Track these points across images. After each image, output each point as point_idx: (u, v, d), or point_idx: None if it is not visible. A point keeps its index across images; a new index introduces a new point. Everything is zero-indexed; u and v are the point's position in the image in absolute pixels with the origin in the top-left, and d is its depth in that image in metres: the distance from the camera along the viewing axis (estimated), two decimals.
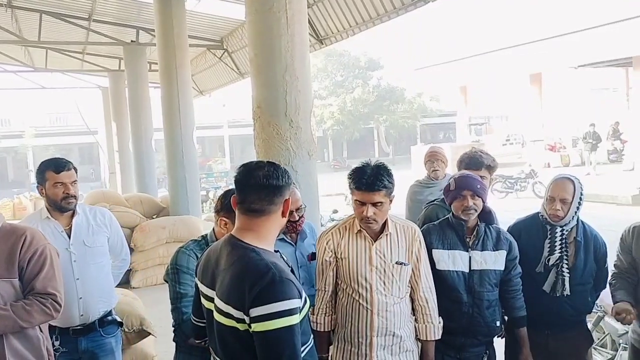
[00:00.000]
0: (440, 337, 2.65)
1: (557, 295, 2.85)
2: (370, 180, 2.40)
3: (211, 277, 1.84)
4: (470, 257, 2.75)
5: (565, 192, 2.81)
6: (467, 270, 2.74)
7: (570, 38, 17.23)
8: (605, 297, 3.16)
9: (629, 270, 2.88)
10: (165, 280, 2.62)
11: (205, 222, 7.87)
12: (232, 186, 2.17)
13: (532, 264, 2.90)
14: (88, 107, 23.01)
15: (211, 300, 1.82)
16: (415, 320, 2.65)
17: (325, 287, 2.62)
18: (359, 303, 2.53)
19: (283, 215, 1.83)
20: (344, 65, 35.72)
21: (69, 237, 2.93)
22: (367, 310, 2.53)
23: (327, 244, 2.60)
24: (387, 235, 2.55)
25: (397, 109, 36.08)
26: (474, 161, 3.35)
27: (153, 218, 8.10)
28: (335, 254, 2.58)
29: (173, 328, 2.60)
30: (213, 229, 2.58)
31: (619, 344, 3.75)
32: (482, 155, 3.41)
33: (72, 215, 2.96)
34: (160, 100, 8.15)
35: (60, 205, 2.89)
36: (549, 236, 2.88)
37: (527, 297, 2.85)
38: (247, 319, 1.66)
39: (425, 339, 2.63)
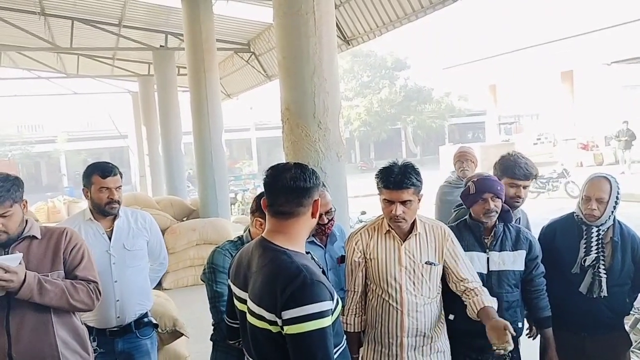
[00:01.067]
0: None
1: (594, 296, 2.78)
2: (398, 178, 2.39)
3: (243, 279, 1.84)
4: (488, 258, 2.72)
5: (601, 191, 2.74)
6: (485, 272, 2.71)
7: (602, 34, 16.84)
8: None
9: None
10: (202, 280, 2.65)
11: (234, 224, 7.94)
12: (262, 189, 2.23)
13: (568, 265, 2.84)
14: (118, 111, 23.50)
15: (244, 302, 1.82)
16: (466, 299, 2.52)
17: (354, 288, 2.61)
18: (389, 303, 2.52)
19: (313, 216, 1.83)
20: (370, 66, 35.57)
21: (110, 239, 2.97)
22: (397, 311, 2.51)
23: (356, 244, 2.59)
24: (415, 235, 2.53)
25: (424, 109, 35.76)
26: (521, 172, 2.97)
27: (183, 220, 8.20)
28: (364, 254, 2.57)
29: (212, 327, 2.63)
30: (249, 230, 2.60)
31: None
32: (527, 163, 3.01)
33: (114, 218, 3.00)
34: (189, 104, 8.27)
35: (104, 210, 2.93)
36: (585, 236, 2.82)
37: (562, 298, 2.80)
38: (279, 322, 1.66)
39: (478, 307, 2.46)
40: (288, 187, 1.77)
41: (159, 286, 6.84)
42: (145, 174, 16.19)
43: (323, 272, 1.86)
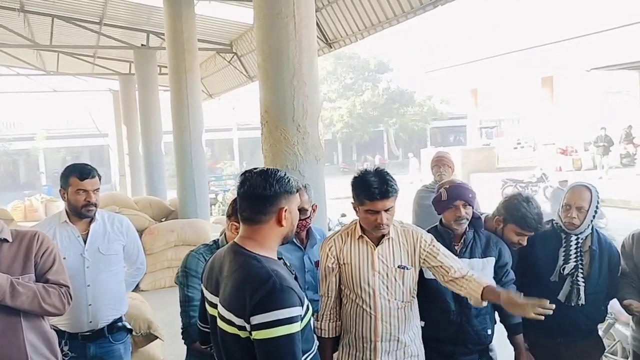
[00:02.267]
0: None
1: (572, 304, 2.81)
2: (383, 188, 2.38)
3: (215, 283, 1.84)
4: None
5: (581, 200, 2.78)
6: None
7: (582, 41, 17.10)
8: (615, 303, 3.12)
9: (631, 275, 2.87)
10: (176, 283, 2.63)
11: (214, 225, 7.90)
12: None
13: (547, 272, 2.86)
14: (99, 110, 23.23)
15: (215, 306, 1.82)
16: (461, 287, 2.48)
17: (328, 294, 2.61)
18: (363, 308, 2.52)
19: (279, 224, 1.80)
20: (353, 68, 35.74)
21: (85, 243, 2.93)
22: (370, 316, 2.51)
23: (329, 250, 2.59)
24: (388, 239, 2.53)
25: (407, 111, 36.05)
26: (532, 224, 2.79)
27: (162, 221, 8.14)
28: (337, 260, 2.57)
29: (181, 330, 2.61)
30: (224, 234, 2.58)
31: (630, 351, 3.70)
32: (539, 214, 2.82)
33: (90, 222, 2.95)
34: (169, 103, 8.21)
35: (80, 212, 2.89)
36: (564, 245, 2.84)
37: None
38: (248, 327, 1.66)
39: (482, 286, 2.41)
40: (249, 194, 1.79)
41: (135, 288, 6.79)
42: (125, 173, 16.02)
43: (295, 277, 1.86)
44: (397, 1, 7.07)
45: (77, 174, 2.86)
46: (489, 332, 2.77)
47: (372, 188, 2.38)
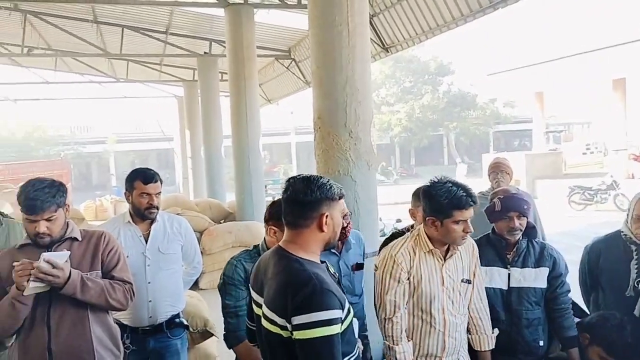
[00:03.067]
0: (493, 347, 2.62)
1: None
2: (471, 196, 2.34)
3: (260, 284, 1.93)
4: (509, 274, 2.69)
5: None
6: (505, 288, 2.69)
7: None
8: None
9: None
10: (218, 289, 2.73)
11: None
12: None
13: (619, 287, 2.76)
14: (165, 115, 24.19)
15: (260, 306, 1.91)
16: (469, 331, 2.60)
17: (400, 308, 2.46)
18: (431, 325, 2.47)
19: (320, 229, 1.85)
20: (412, 71, 35.30)
21: (146, 242, 3.10)
22: (438, 333, 2.48)
23: (400, 262, 2.46)
24: (454, 252, 2.48)
25: (468, 115, 35.17)
26: None
27: (221, 223, 8.40)
28: (408, 274, 2.46)
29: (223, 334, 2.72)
30: (264, 238, 2.65)
31: None
32: None
33: (152, 222, 3.13)
34: (229, 109, 8.48)
35: (143, 214, 3.08)
36: (636, 257, 2.73)
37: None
38: (289, 327, 1.73)
39: (480, 349, 2.60)
40: (292, 199, 1.86)
41: (195, 286, 7.04)
42: (187, 176, 16.61)
43: (338, 282, 1.91)
44: (456, 4, 6.98)
45: (141, 178, 3.04)
46: (541, 343, 2.73)
47: (462, 197, 2.31)
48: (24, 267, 2.23)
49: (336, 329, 1.70)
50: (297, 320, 1.69)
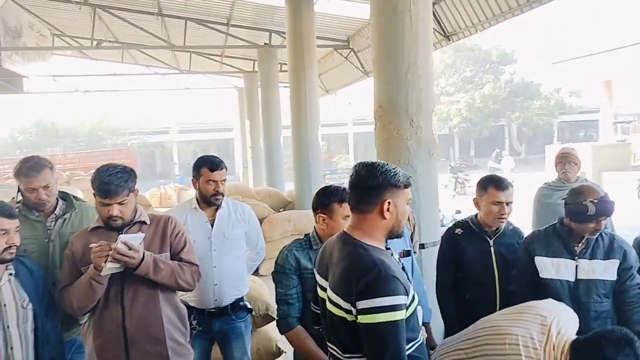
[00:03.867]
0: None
1: None
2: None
3: (326, 268, 1.96)
4: (577, 266, 2.63)
5: None
6: (572, 280, 2.63)
7: None
8: None
9: None
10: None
11: None
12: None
13: None
14: (225, 106, 24.71)
15: (325, 290, 1.94)
16: None
17: None
18: None
19: (382, 216, 1.86)
20: (473, 60, 34.39)
21: (212, 227, 3.21)
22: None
23: None
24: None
25: (531, 105, 33.96)
26: None
27: (280, 211, 8.53)
28: None
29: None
30: (314, 227, 2.67)
31: None
32: None
33: (217, 209, 3.24)
34: (288, 99, 8.58)
35: (209, 201, 3.19)
36: None
37: None
38: (354, 311, 1.75)
39: None
40: (355, 184, 1.89)
41: (255, 272, 7.20)
42: (247, 166, 16.94)
43: (403, 268, 1.92)
44: None
45: (208, 165, 3.15)
46: None
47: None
48: (102, 249, 2.36)
49: (401, 314, 1.72)
50: (362, 304, 1.72)
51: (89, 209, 2.99)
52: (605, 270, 2.62)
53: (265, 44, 11.52)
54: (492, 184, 2.97)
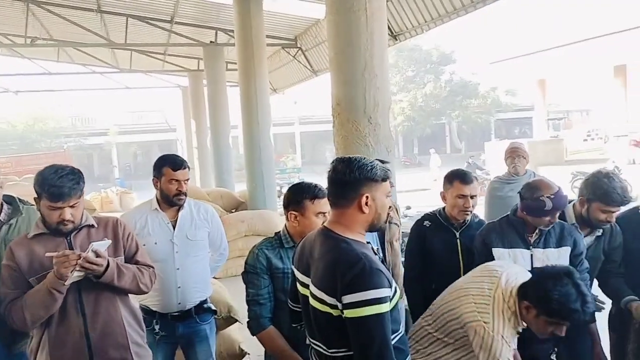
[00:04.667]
0: None
1: None
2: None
3: (306, 265, 1.95)
4: (532, 255, 2.72)
5: None
6: (529, 268, 2.70)
7: None
8: None
9: None
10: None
11: (281, 217, 8.09)
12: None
13: (638, 262, 2.85)
14: (168, 105, 24.13)
15: (306, 286, 1.93)
16: None
17: None
18: None
19: (360, 210, 1.85)
20: (415, 60, 35.20)
21: (174, 229, 3.11)
22: None
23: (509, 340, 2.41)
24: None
25: (470, 103, 35.14)
26: (618, 198, 2.73)
27: (232, 212, 8.43)
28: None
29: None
30: (285, 225, 2.63)
31: None
32: (623, 187, 2.75)
33: (179, 209, 3.14)
34: (237, 98, 8.48)
35: (172, 201, 3.08)
36: None
37: None
38: (340, 305, 1.75)
39: None
40: (332, 179, 1.88)
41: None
42: (194, 167, 16.63)
43: (382, 261, 1.94)
44: None
45: (171, 164, 3.05)
46: None
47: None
48: (68, 258, 2.22)
49: (386, 307, 1.73)
50: (348, 299, 1.72)
51: (37, 213, 2.84)
52: (558, 257, 2.71)
53: (211, 42, 11.34)
54: (457, 178, 3.07)
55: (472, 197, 3.03)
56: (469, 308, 2.25)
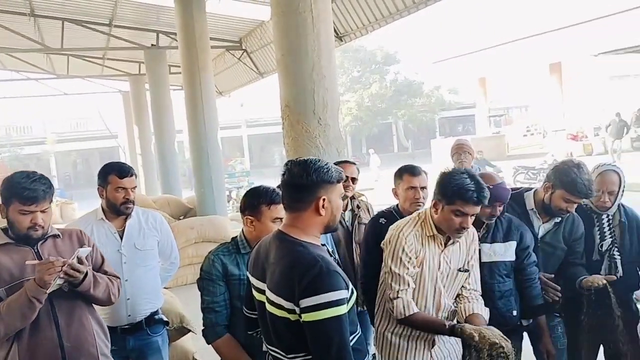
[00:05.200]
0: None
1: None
2: (481, 194, 2.34)
3: (261, 270, 1.91)
4: (480, 250, 2.75)
5: (613, 185, 2.89)
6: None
7: (589, 26, 17.01)
8: None
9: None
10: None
11: (232, 222, 7.97)
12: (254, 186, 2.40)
13: (586, 252, 2.97)
14: (109, 111, 23.37)
15: (262, 292, 1.88)
16: (457, 302, 2.59)
17: (409, 284, 2.46)
18: (425, 307, 2.52)
19: (317, 213, 1.84)
20: (360, 61, 35.61)
21: (121, 239, 2.99)
22: (431, 314, 2.52)
23: (410, 243, 2.47)
24: (455, 242, 2.52)
25: (415, 102, 35.89)
26: (583, 190, 2.73)
27: (180, 219, 8.22)
28: (416, 254, 2.48)
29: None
30: (242, 229, 2.59)
31: None
32: (589, 180, 2.75)
33: (126, 218, 3.02)
34: (181, 102, 8.29)
35: (119, 209, 2.95)
36: (597, 224, 2.97)
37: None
38: (297, 310, 1.72)
39: (473, 312, 2.51)
40: (288, 183, 1.86)
41: None
42: (138, 174, 16.17)
43: (338, 263, 1.91)
44: None
45: (117, 172, 2.92)
46: (514, 313, 2.82)
47: (470, 191, 2.33)
48: (53, 265, 2.18)
49: (344, 309, 1.72)
50: (306, 302, 1.69)
51: None
52: (505, 252, 2.78)
53: (152, 45, 11.04)
54: (406, 171, 3.13)
55: (422, 188, 3.08)
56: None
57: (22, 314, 2.22)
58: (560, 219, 2.94)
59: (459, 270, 2.54)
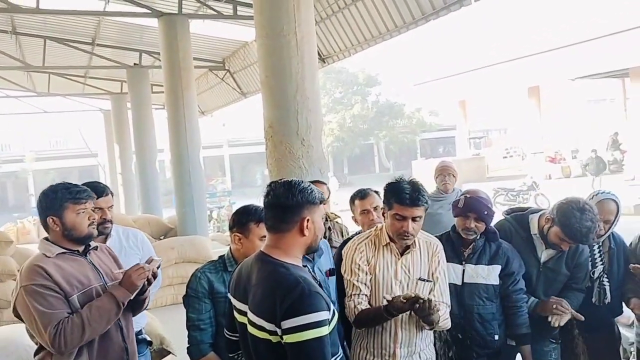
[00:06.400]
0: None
1: (601, 304, 2.94)
2: (414, 195, 2.39)
3: (243, 291, 1.89)
4: (463, 270, 2.78)
5: (609, 214, 2.90)
6: (459, 283, 2.78)
7: (566, 51, 17.44)
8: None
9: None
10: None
11: (213, 243, 7.89)
12: (237, 205, 2.32)
13: None
14: (89, 130, 23.12)
15: (244, 314, 1.87)
16: None
17: (362, 289, 2.51)
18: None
19: (301, 233, 1.85)
20: (342, 82, 35.97)
21: None
22: (390, 324, 2.52)
23: (361, 252, 2.57)
24: (413, 251, 2.55)
25: (396, 124, 36.27)
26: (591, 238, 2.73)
27: (161, 239, 8.13)
28: (368, 263, 2.55)
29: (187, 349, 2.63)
30: (230, 247, 2.60)
31: (630, 352, 3.77)
32: (593, 227, 2.68)
33: (106, 238, 2.97)
34: (163, 121, 8.26)
35: (98, 230, 2.91)
36: (589, 251, 2.96)
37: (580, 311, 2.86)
38: (279, 331, 1.71)
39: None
40: (272, 204, 1.86)
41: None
42: (118, 193, 15.97)
43: (319, 284, 1.91)
44: (390, 17, 7.21)
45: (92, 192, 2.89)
46: (496, 337, 2.81)
47: (404, 193, 2.39)
48: (144, 270, 2.30)
49: (325, 330, 1.71)
50: (288, 324, 1.69)
51: None
52: (488, 275, 2.78)
53: (135, 64, 11.03)
54: (356, 197, 3.27)
55: (374, 208, 3.14)
56: None
57: (108, 319, 2.27)
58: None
59: (420, 279, 2.55)
